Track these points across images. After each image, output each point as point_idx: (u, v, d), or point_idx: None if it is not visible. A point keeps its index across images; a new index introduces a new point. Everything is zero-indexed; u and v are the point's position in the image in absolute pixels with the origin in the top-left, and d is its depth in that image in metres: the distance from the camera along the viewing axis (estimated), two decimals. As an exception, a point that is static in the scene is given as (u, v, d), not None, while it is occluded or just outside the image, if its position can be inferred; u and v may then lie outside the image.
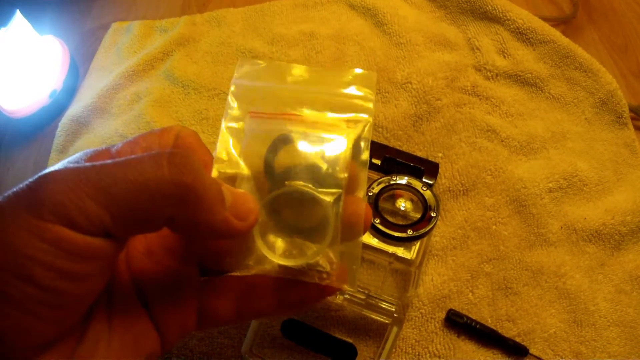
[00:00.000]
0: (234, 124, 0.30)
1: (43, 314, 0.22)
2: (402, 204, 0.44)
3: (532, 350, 0.45)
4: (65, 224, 0.21)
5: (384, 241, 0.41)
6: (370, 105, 0.30)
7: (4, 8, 0.58)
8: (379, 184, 0.43)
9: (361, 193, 0.29)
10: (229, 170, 0.29)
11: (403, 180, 0.44)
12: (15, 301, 0.21)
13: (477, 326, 0.45)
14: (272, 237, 0.28)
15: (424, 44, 0.62)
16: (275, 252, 0.28)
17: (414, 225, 0.41)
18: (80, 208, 0.21)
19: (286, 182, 0.28)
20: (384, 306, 0.43)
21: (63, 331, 0.24)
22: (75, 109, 0.63)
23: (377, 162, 0.49)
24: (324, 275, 0.28)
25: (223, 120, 0.30)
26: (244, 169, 0.29)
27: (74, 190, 0.22)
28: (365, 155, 0.29)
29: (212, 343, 0.46)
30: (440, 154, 0.55)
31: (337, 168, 0.28)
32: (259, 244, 0.28)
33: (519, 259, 0.49)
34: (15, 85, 0.61)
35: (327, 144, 0.29)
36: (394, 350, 0.45)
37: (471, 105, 0.59)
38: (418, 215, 0.43)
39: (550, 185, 0.53)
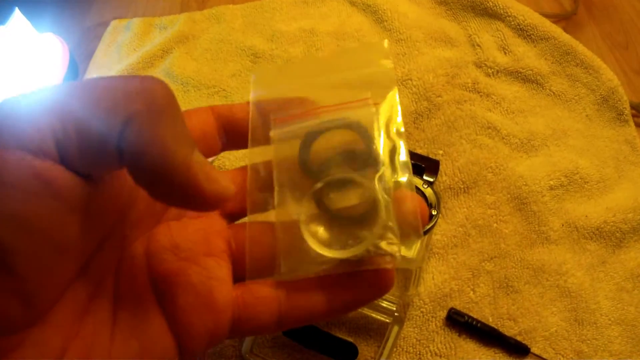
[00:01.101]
0: (259, 136, 0.29)
1: (17, 289, 0.18)
2: (403, 203, 0.44)
3: (533, 349, 0.45)
4: (5, 143, 0.17)
5: (384, 240, 0.41)
6: (392, 74, 0.29)
7: (2, 5, 0.58)
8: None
9: (404, 171, 0.27)
10: (266, 184, 0.28)
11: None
12: None
13: (478, 325, 0.45)
14: (323, 233, 0.27)
15: (425, 40, 0.62)
16: (330, 247, 0.26)
17: (415, 223, 0.41)
18: (27, 116, 0.18)
19: (325, 174, 0.27)
20: (384, 305, 0.43)
21: (36, 314, 0.20)
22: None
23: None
24: (388, 259, 0.26)
25: (249, 137, 0.29)
26: (280, 177, 0.28)
27: (24, 104, 0.18)
28: (398, 125, 0.28)
29: (213, 342, 0.46)
30: (440, 152, 0.55)
31: (373, 146, 0.27)
32: (311, 242, 0.26)
33: (520, 257, 0.49)
34: (15, 83, 0.60)
35: (357, 125, 0.28)
36: (394, 349, 0.45)
37: (472, 102, 0.58)
38: (419, 214, 0.42)
39: (551, 182, 0.53)
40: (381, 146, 0.27)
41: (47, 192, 0.18)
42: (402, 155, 0.27)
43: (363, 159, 0.27)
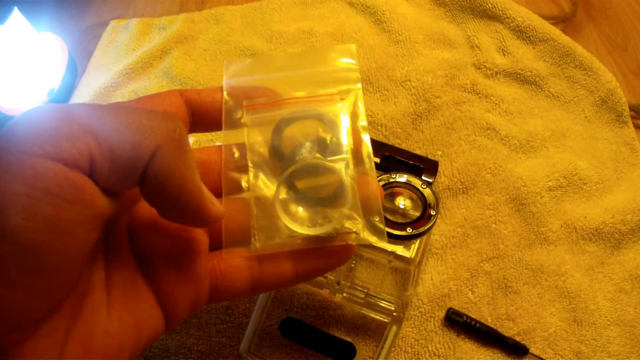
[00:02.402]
0: (233, 121, 0.32)
1: (21, 283, 0.19)
2: (402, 202, 0.44)
3: (532, 350, 0.45)
4: (45, 154, 0.19)
5: (383, 239, 0.41)
6: (357, 74, 0.33)
7: (1, 5, 0.58)
8: (378, 181, 0.43)
9: (368, 159, 0.31)
10: (240, 165, 0.31)
11: (402, 178, 0.43)
12: None
13: (477, 325, 0.45)
14: (295, 212, 0.30)
15: (424, 41, 0.62)
16: (301, 224, 0.29)
17: (414, 223, 0.41)
18: (69, 135, 0.20)
19: (297, 159, 0.30)
20: (383, 305, 0.43)
21: (50, 308, 0.21)
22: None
23: (377, 160, 0.48)
24: (353, 236, 0.29)
25: (223, 122, 0.32)
26: (252, 158, 0.31)
27: (60, 118, 0.20)
28: (363, 120, 0.32)
29: (211, 342, 0.45)
30: (439, 152, 0.55)
31: (340, 136, 0.31)
32: (285, 219, 0.29)
33: (518, 258, 0.49)
34: (13, 83, 0.60)
35: (326, 117, 0.32)
36: (393, 349, 0.45)
37: (471, 103, 0.58)
38: (417, 214, 0.42)
39: (550, 183, 0.53)
40: (345, 138, 0.31)
41: (78, 200, 0.20)
42: (366, 147, 0.31)
43: (331, 148, 0.31)
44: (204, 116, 0.31)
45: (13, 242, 0.18)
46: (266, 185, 0.31)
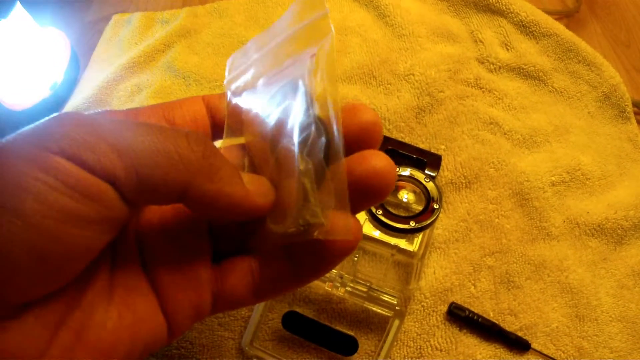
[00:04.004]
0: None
1: (23, 264, 0.19)
2: (405, 196, 0.44)
3: (534, 345, 0.45)
4: (73, 160, 0.19)
5: (386, 233, 0.41)
6: (326, 20, 0.26)
7: (4, -1, 0.58)
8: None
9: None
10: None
11: (406, 171, 0.43)
12: None
13: (479, 320, 0.45)
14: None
15: (427, 36, 0.62)
16: (276, 222, 0.26)
17: (417, 217, 0.41)
18: (94, 147, 0.20)
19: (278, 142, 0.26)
20: (385, 299, 0.43)
21: (45, 294, 0.21)
22: (75, 101, 0.62)
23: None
24: (322, 229, 0.25)
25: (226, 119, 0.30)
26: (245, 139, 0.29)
27: (89, 131, 0.20)
28: (329, 72, 0.26)
29: (213, 335, 0.45)
30: (442, 146, 0.55)
31: (312, 106, 0.26)
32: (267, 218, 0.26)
33: (521, 253, 0.49)
34: (16, 77, 0.60)
35: (295, 87, 0.27)
36: (395, 343, 0.45)
37: (474, 97, 0.58)
38: (420, 207, 0.42)
39: (553, 178, 0.53)
40: (310, 108, 0.26)
41: (98, 200, 0.20)
42: (333, 112, 0.25)
43: (301, 126, 0.26)
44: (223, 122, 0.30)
45: (25, 223, 0.19)
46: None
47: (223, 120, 0.30)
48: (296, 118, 0.26)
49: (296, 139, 0.25)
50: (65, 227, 0.20)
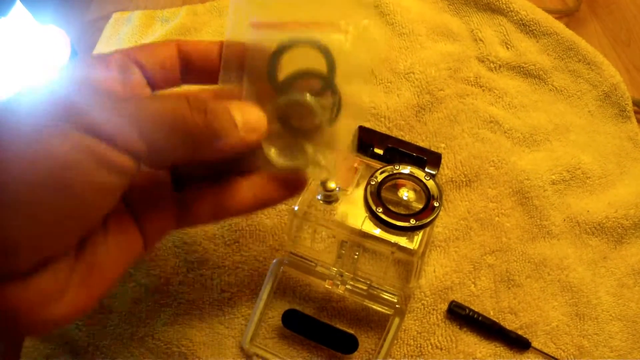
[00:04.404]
0: (236, 37, 0.32)
1: (67, 227, 0.24)
2: (405, 194, 0.44)
3: (534, 344, 0.45)
4: (109, 143, 0.23)
5: (386, 231, 0.41)
6: (368, 2, 0.32)
7: (4, -4, 0.57)
8: (382, 172, 0.43)
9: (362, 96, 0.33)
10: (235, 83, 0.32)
11: (406, 169, 0.43)
12: (44, 210, 0.23)
13: (480, 318, 0.45)
14: (278, 144, 0.32)
15: (427, 34, 0.62)
16: (280, 153, 0.32)
17: (417, 214, 0.41)
18: (125, 134, 0.24)
19: (289, 90, 0.31)
20: (385, 297, 0.43)
21: (73, 244, 0.26)
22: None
23: (380, 151, 0.48)
24: (324, 173, 0.33)
25: (226, 34, 0.32)
26: (248, 80, 0.32)
27: (119, 120, 0.24)
28: (363, 58, 0.32)
29: (213, 333, 0.45)
30: (442, 145, 0.55)
31: (333, 75, 0.31)
32: (266, 148, 0.31)
33: (521, 251, 0.49)
34: (15, 75, 0.60)
35: (324, 49, 0.31)
36: (395, 341, 0.45)
37: (474, 96, 0.58)
38: (421, 205, 0.42)
39: (554, 177, 0.53)
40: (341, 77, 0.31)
41: (126, 174, 0.25)
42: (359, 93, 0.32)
43: (322, 84, 0.31)
44: (196, 68, 0.33)
45: (70, 193, 0.23)
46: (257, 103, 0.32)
47: (195, 64, 0.33)
48: (324, 79, 0.31)
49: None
50: (98, 196, 0.24)
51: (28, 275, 0.24)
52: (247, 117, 0.29)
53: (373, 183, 0.42)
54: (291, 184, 0.34)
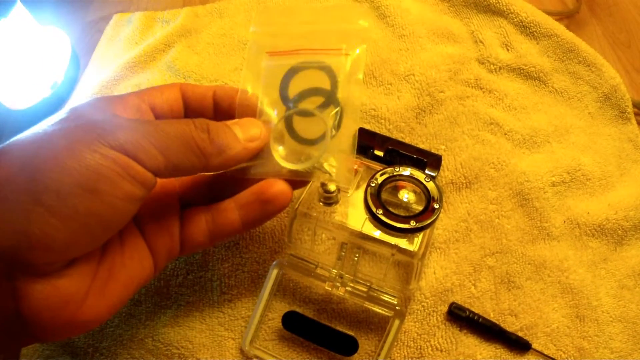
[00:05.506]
0: (254, 63, 0.39)
1: (94, 230, 0.28)
2: (405, 195, 0.44)
3: (534, 345, 0.45)
4: (134, 159, 0.28)
5: (386, 232, 0.41)
6: (365, 32, 0.39)
7: (4, -2, 0.57)
8: (382, 174, 0.43)
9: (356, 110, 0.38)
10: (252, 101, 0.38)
11: (406, 171, 0.43)
12: (77, 213, 0.27)
13: (480, 320, 0.45)
14: (285, 148, 0.37)
15: (427, 36, 0.62)
16: (287, 160, 0.36)
17: (417, 216, 0.41)
18: (147, 150, 0.29)
19: (297, 105, 0.38)
20: (386, 299, 0.43)
21: (94, 250, 0.30)
22: (76, 101, 0.62)
23: (380, 153, 0.48)
24: (327, 176, 0.37)
25: (245, 62, 0.40)
26: (264, 99, 0.38)
27: (141, 138, 0.29)
28: (359, 75, 0.38)
29: (213, 335, 0.45)
30: (443, 147, 0.55)
31: (336, 90, 0.37)
32: (275, 154, 0.36)
33: (521, 253, 0.49)
34: (16, 77, 0.60)
35: (329, 70, 0.38)
36: (395, 343, 0.45)
37: (474, 98, 0.58)
38: (421, 207, 0.42)
39: (554, 179, 0.53)
40: (341, 90, 0.38)
41: (148, 186, 0.30)
42: (356, 99, 0.38)
43: (327, 98, 0.37)
44: (194, 109, 0.39)
45: (100, 200, 0.27)
46: (271, 120, 0.38)
47: (194, 104, 0.39)
48: (329, 92, 0.38)
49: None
50: (122, 203, 0.29)
51: (56, 274, 0.28)
52: (247, 130, 0.35)
53: (373, 185, 0.42)
54: (272, 200, 0.37)
